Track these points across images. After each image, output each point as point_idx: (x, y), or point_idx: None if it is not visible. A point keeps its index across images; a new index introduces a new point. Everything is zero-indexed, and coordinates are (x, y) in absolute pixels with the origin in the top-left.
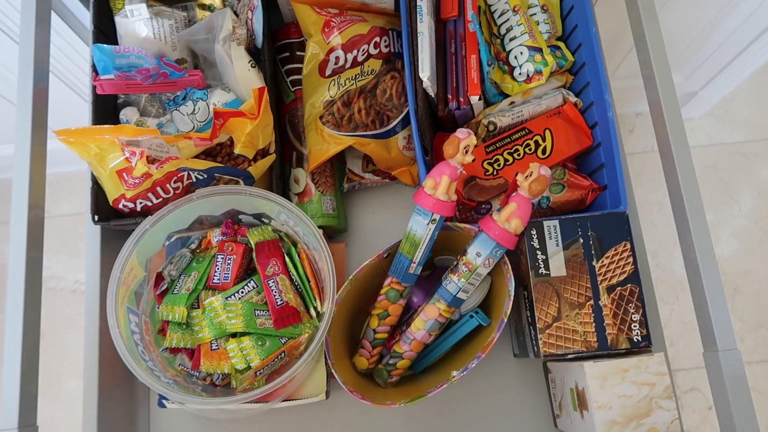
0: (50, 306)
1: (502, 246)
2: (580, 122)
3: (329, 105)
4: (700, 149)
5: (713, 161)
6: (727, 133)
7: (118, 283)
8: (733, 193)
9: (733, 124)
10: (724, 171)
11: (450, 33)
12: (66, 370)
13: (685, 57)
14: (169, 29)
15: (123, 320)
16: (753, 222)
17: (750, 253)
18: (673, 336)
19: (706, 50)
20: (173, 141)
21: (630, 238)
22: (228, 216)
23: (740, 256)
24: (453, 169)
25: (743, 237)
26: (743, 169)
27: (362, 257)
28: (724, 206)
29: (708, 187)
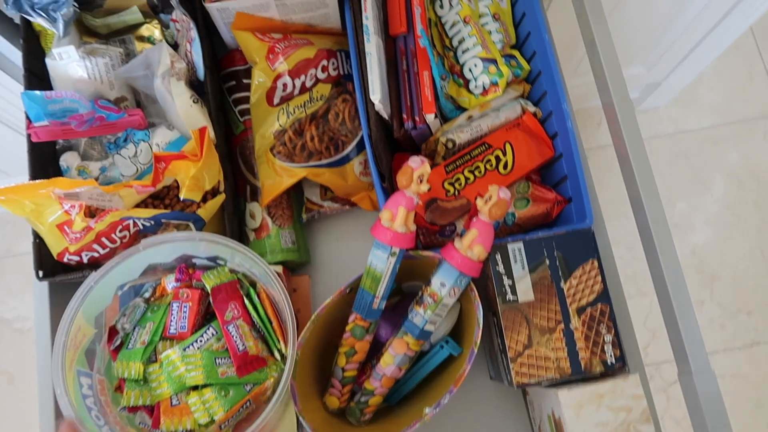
0: (18, 348)
1: (466, 275)
2: (540, 132)
3: (280, 134)
4: (667, 137)
5: (682, 149)
6: (695, 120)
7: (64, 348)
8: (704, 180)
9: (699, 109)
10: (694, 158)
11: (400, 49)
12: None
13: (647, 48)
14: (104, 68)
15: (72, 385)
16: (726, 207)
17: (725, 239)
18: (656, 328)
19: (666, 40)
20: (113, 191)
21: (597, 254)
22: (181, 260)
23: (716, 243)
24: (409, 200)
25: (717, 223)
26: (713, 154)
27: (328, 287)
28: (696, 194)
29: (679, 175)
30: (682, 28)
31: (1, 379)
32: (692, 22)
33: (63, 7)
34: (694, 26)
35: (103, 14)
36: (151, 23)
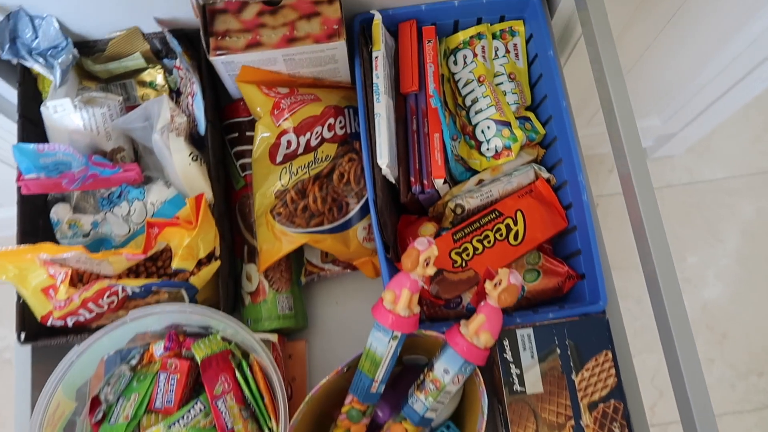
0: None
1: (472, 363)
2: (553, 200)
3: (282, 194)
4: (680, 187)
5: (695, 200)
6: (709, 170)
7: (40, 427)
8: (717, 233)
9: (714, 159)
10: (707, 209)
11: (411, 108)
12: None
13: (663, 102)
14: (101, 118)
15: None
16: (738, 262)
17: (737, 295)
18: (664, 387)
19: (684, 96)
20: (102, 258)
21: (611, 345)
22: (171, 327)
23: (727, 299)
24: (413, 282)
25: (729, 278)
26: (727, 206)
27: (326, 353)
28: (708, 247)
29: (691, 227)
30: (701, 85)
31: None
32: (712, 81)
33: (62, 53)
34: (714, 84)
35: (105, 60)
36: (154, 68)
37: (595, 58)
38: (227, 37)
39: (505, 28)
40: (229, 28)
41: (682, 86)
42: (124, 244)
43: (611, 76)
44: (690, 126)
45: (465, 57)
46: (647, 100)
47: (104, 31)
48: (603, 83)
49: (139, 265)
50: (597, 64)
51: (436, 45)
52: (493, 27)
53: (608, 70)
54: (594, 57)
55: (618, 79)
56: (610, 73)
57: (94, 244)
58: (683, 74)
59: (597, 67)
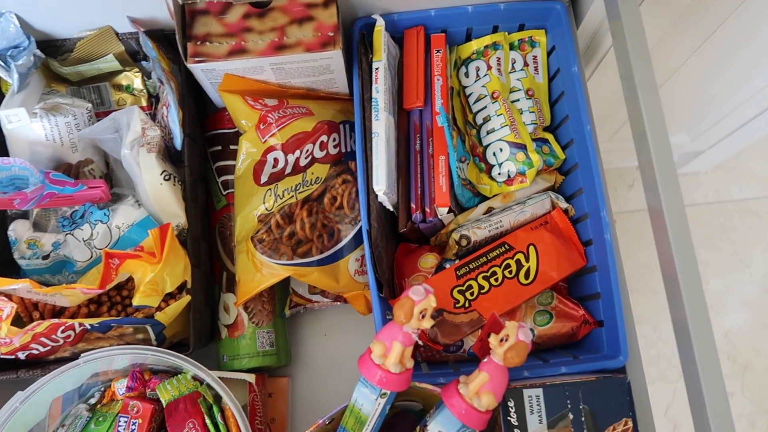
0: None
1: (470, 427)
2: (571, 235)
3: (266, 218)
4: (706, 206)
5: (721, 220)
6: (738, 189)
7: None
8: (743, 257)
9: (743, 178)
10: (733, 231)
11: (415, 125)
12: None
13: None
14: (65, 128)
15: None
16: (765, 289)
17: (762, 326)
18: (677, 419)
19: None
20: (54, 291)
21: (632, 413)
22: (136, 365)
23: (751, 329)
24: (407, 336)
25: (754, 306)
26: (755, 228)
27: (311, 390)
28: (733, 271)
29: (715, 249)
30: (737, 105)
31: None
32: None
33: (22, 55)
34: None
35: (74, 62)
36: (131, 71)
37: (627, 75)
38: (207, 42)
39: (525, 38)
40: (210, 31)
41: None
42: (86, 269)
43: (645, 97)
44: (720, 144)
45: (478, 69)
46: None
47: (73, 30)
48: (635, 105)
49: (101, 295)
50: (629, 82)
51: (445, 55)
52: (511, 36)
53: (642, 90)
54: (626, 74)
55: (652, 100)
56: (644, 94)
57: (55, 266)
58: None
59: (629, 86)
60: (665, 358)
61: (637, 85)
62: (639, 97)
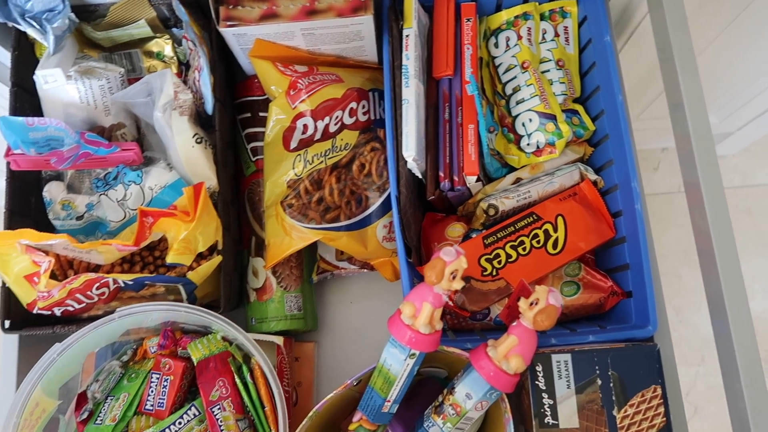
0: None
1: (498, 389)
2: (600, 206)
3: (295, 184)
4: (732, 190)
5: (747, 204)
6: (764, 173)
7: (14, 429)
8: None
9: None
10: (759, 215)
11: (444, 94)
12: None
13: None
14: (99, 91)
15: None
16: None
17: None
18: (698, 402)
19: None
20: (90, 248)
21: (661, 381)
22: (167, 324)
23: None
24: (437, 297)
25: None
26: None
27: (336, 357)
28: (758, 256)
29: (740, 234)
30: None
31: None
32: None
33: (57, 18)
34: None
35: (106, 27)
36: (162, 38)
37: (665, 47)
38: (239, 6)
39: (556, 9)
40: None
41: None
42: (119, 230)
43: (683, 70)
44: (747, 126)
45: (508, 39)
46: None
47: None
48: (672, 77)
49: (134, 254)
50: (666, 53)
51: (475, 24)
52: (542, 6)
53: (680, 62)
54: (663, 45)
55: (691, 72)
56: (683, 67)
57: (89, 227)
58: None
59: (666, 57)
60: (686, 340)
61: (676, 58)
62: (676, 66)
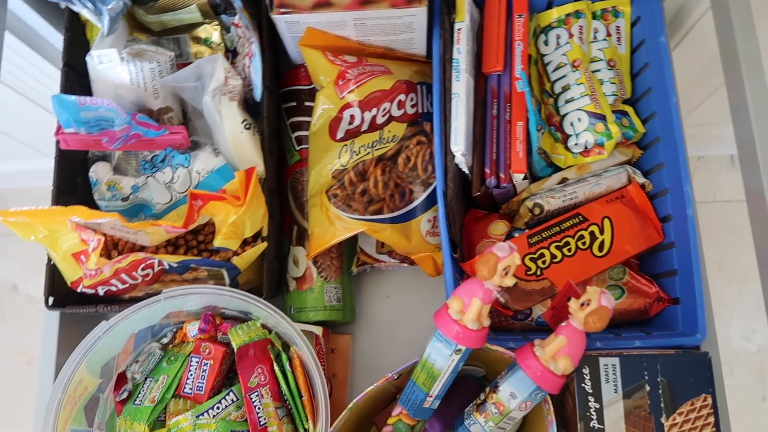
0: None
1: (544, 390)
2: (647, 210)
3: (340, 174)
4: None
5: None
6: None
7: (59, 406)
8: None
9: None
10: None
11: (492, 90)
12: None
13: None
14: (149, 74)
15: None
16: None
17: None
18: None
19: None
20: (139, 228)
21: (712, 390)
22: (208, 309)
23: None
24: (487, 292)
25: None
26: None
27: (371, 351)
28: None
29: None
30: None
31: (20, 359)
32: None
33: (112, 0)
34: None
35: (158, 11)
36: (211, 24)
37: (729, 48)
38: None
39: (608, 8)
40: None
41: None
42: (164, 212)
43: (749, 73)
44: None
45: (558, 37)
46: None
47: None
48: (737, 81)
49: (179, 238)
50: (730, 54)
51: (527, 20)
52: (594, 5)
53: (746, 64)
54: (727, 47)
55: (757, 76)
56: (748, 69)
57: (133, 209)
58: None
59: (730, 59)
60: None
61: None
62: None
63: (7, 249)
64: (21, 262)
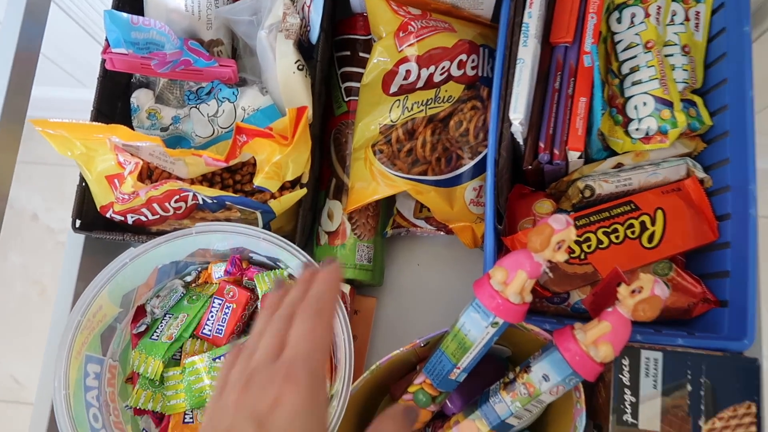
0: (56, 260)
1: (580, 375)
2: (704, 206)
3: (387, 130)
4: None
5: None
6: None
7: (77, 329)
8: None
9: None
10: None
11: (557, 62)
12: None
13: None
14: (205, 2)
15: (75, 375)
16: None
17: None
18: None
19: None
20: (179, 156)
21: (758, 398)
22: (237, 251)
23: None
24: (535, 266)
25: None
26: None
27: (394, 317)
28: None
29: None
30: None
31: (33, 289)
32: None
33: None
34: None
35: None
36: None
37: None
38: None
39: None
40: None
41: None
42: (203, 147)
43: None
44: None
45: (633, 15)
46: None
47: None
48: None
49: (215, 174)
50: None
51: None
52: None
53: None
54: None
55: None
56: None
57: (171, 141)
58: None
59: None
60: None
61: None
62: None
63: (30, 177)
64: (43, 191)
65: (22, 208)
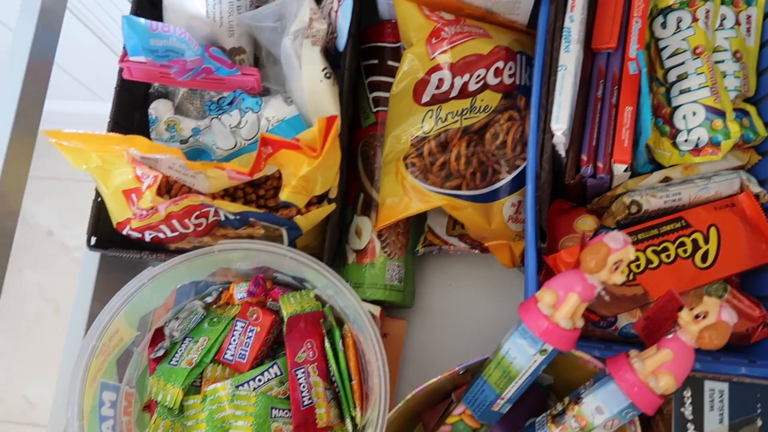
0: (71, 278)
1: (638, 408)
2: (761, 223)
3: (420, 143)
4: None
5: None
6: None
7: (91, 354)
8: None
9: None
10: None
11: (600, 69)
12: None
13: None
14: (228, 7)
15: (90, 404)
16: None
17: None
18: None
19: None
20: (200, 169)
21: None
22: (260, 270)
23: None
24: (588, 288)
25: None
26: None
27: (425, 341)
28: None
29: None
30: None
31: (47, 307)
32: None
33: None
34: None
35: None
36: None
37: None
38: None
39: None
40: None
41: None
42: (225, 160)
43: None
44: None
45: (680, 20)
46: None
47: None
48: None
49: (237, 189)
50: None
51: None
52: None
53: None
54: None
55: None
56: None
57: (191, 153)
58: None
59: None
60: None
61: None
62: None
63: (46, 192)
64: (59, 208)
65: (36, 223)
